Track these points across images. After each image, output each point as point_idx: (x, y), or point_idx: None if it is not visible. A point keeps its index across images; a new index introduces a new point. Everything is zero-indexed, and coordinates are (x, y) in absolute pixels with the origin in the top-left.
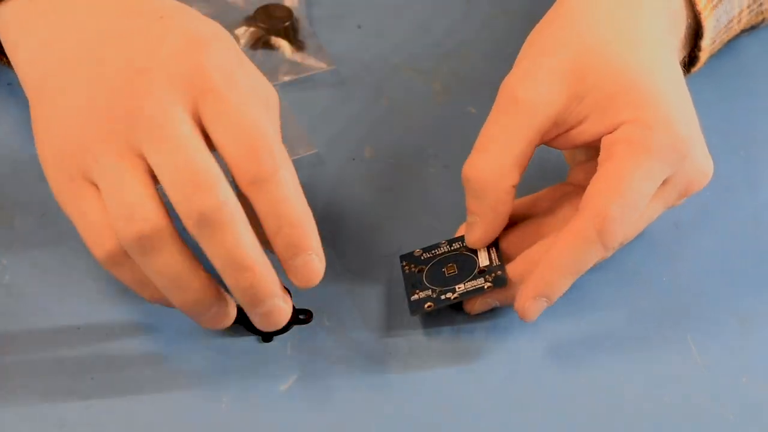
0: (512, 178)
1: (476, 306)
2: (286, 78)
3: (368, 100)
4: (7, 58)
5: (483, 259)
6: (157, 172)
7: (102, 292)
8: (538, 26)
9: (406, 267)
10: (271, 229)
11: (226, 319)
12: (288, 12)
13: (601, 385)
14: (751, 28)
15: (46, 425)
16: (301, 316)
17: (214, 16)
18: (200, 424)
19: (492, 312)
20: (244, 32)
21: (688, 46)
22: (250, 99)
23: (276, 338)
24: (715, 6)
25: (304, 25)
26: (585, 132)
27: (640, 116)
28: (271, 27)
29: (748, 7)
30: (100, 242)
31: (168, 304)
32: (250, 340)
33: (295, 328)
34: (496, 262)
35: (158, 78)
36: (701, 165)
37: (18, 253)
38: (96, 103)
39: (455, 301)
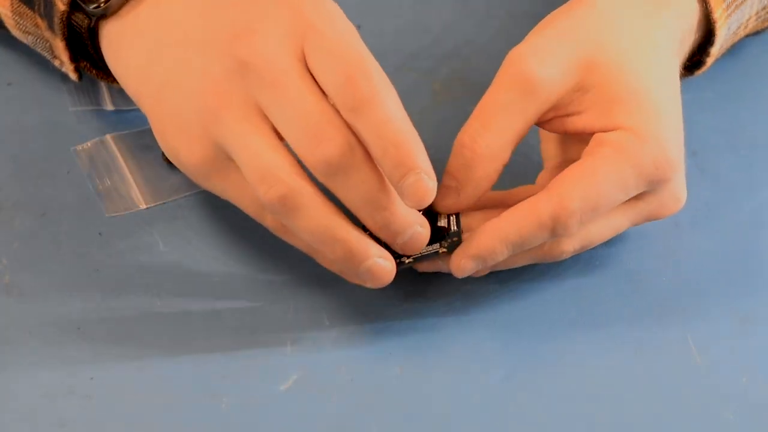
0: (506, 157)
1: (424, 266)
2: None
3: None
4: (99, 70)
5: (442, 221)
6: (278, 128)
7: (102, 292)
8: (559, 8)
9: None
10: (377, 152)
11: (384, 271)
12: None
13: (601, 385)
14: (755, 33)
15: (46, 425)
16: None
17: None
18: (200, 424)
19: (492, 312)
20: None
21: (695, 50)
22: (346, 32)
23: (275, 338)
24: (729, 15)
25: None
26: (579, 123)
27: (636, 126)
28: None
29: (756, 13)
30: (263, 216)
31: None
32: (250, 340)
33: (295, 328)
34: (454, 228)
35: (263, 32)
36: (677, 192)
37: (18, 253)
38: (210, 70)
39: (409, 264)
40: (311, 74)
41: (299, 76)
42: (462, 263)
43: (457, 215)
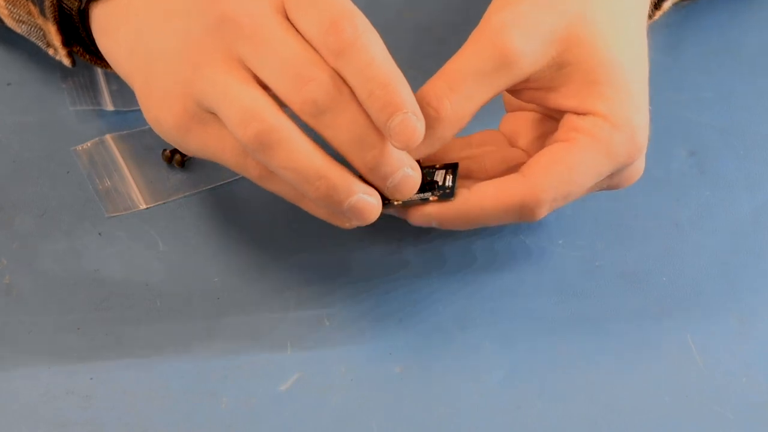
0: (466, 122)
1: (416, 217)
2: None
3: None
4: (92, 55)
5: (439, 178)
6: (262, 77)
7: (102, 292)
8: None
9: None
10: (364, 94)
11: (369, 207)
12: None
13: (601, 385)
14: None
15: (46, 425)
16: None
17: None
18: (200, 424)
19: (492, 312)
20: None
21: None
22: None
23: (275, 337)
24: None
25: None
26: (551, 100)
27: (611, 114)
28: None
29: None
30: (245, 165)
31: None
32: (250, 340)
33: (295, 328)
34: (449, 184)
35: None
36: (638, 169)
37: (18, 253)
38: (191, 31)
39: (399, 205)
40: (293, 25)
41: (279, 25)
42: (421, 218)
43: (455, 171)
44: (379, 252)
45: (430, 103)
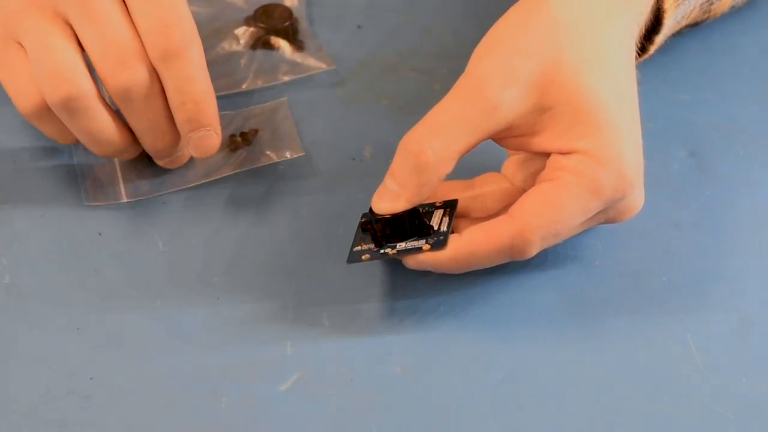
0: (450, 167)
1: (410, 263)
2: (286, 78)
3: (368, 100)
4: None
5: (435, 222)
6: (83, 42)
7: (102, 292)
8: (513, 15)
9: (364, 222)
10: (175, 103)
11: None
12: (288, 12)
13: (601, 385)
14: (695, 24)
15: (46, 425)
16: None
17: (214, 16)
18: (200, 424)
19: (492, 312)
20: (243, 32)
21: (641, 38)
22: None
23: (275, 338)
24: (678, 6)
25: (304, 25)
26: (536, 144)
27: (595, 150)
28: (271, 27)
29: (701, 5)
30: (26, 98)
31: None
32: (250, 340)
33: (295, 328)
34: (443, 228)
35: None
36: (634, 202)
37: (18, 253)
38: None
39: (392, 257)
40: (125, 4)
41: (112, 6)
42: (416, 265)
43: (452, 211)
44: None
45: (412, 150)
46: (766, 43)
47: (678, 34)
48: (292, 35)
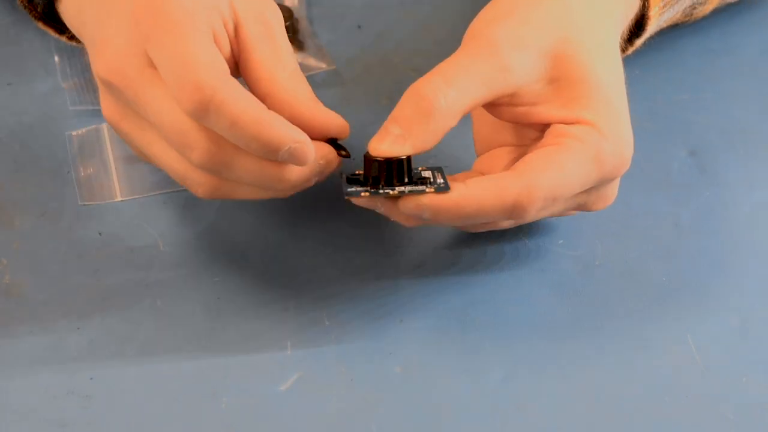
0: (457, 118)
1: (409, 207)
2: None
3: (368, 100)
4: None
5: (427, 175)
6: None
7: (102, 292)
8: None
9: (358, 173)
10: (242, 146)
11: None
12: (288, 12)
13: (600, 385)
14: (675, 25)
15: (46, 425)
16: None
17: None
18: (200, 424)
19: (491, 312)
20: None
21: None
22: (178, 35)
23: (275, 337)
24: (662, 13)
25: (304, 25)
26: (539, 113)
27: (599, 123)
28: None
29: (684, 10)
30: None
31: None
32: (250, 340)
33: (295, 328)
34: (441, 180)
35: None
36: (614, 190)
37: (18, 253)
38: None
39: (393, 197)
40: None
41: (151, 84)
42: (415, 208)
43: (443, 172)
44: (379, 252)
45: (425, 95)
46: (765, 43)
47: (665, 33)
48: (292, 35)
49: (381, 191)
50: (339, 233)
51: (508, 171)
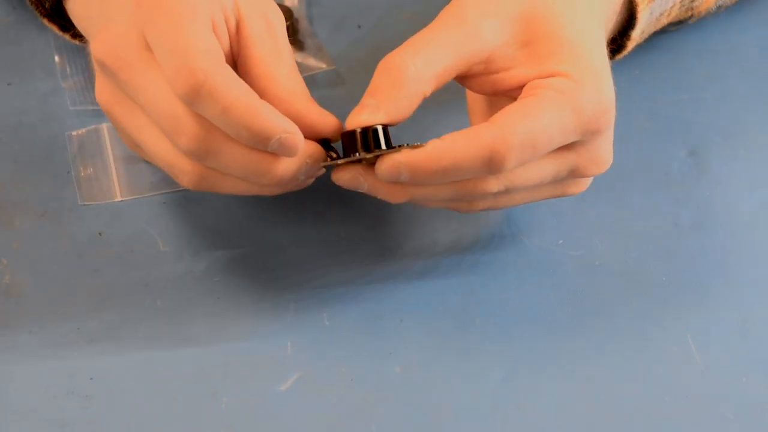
0: (430, 87)
1: (386, 167)
2: None
3: None
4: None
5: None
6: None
7: (102, 292)
8: None
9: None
10: (232, 135)
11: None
12: (288, 12)
13: (601, 385)
14: (679, 23)
15: (46, 425)
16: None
17: None
18: (200, 424)
19: (491, 312)
20: None
21: (616, 34)
22: (176, 19)
23: (275, 337)
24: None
25: (304, 25)
26: (512, 77)
27: (575, 74)
28: None
29: (681, 2)
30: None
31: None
32: (250, 340)
33: (295, 328)
34: (415, 142)
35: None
36: (606, 150)
37: (18, 253)
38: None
39: (369, 160)
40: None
41: (145, 66)
42: (391, 168)
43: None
44: (379, 252)
45: (396, 66)
46: (766, 42)
47: (664, 32)
48: (292, 35)
49: (357, 157)
50: (339, 234)
51: (484, 122)
